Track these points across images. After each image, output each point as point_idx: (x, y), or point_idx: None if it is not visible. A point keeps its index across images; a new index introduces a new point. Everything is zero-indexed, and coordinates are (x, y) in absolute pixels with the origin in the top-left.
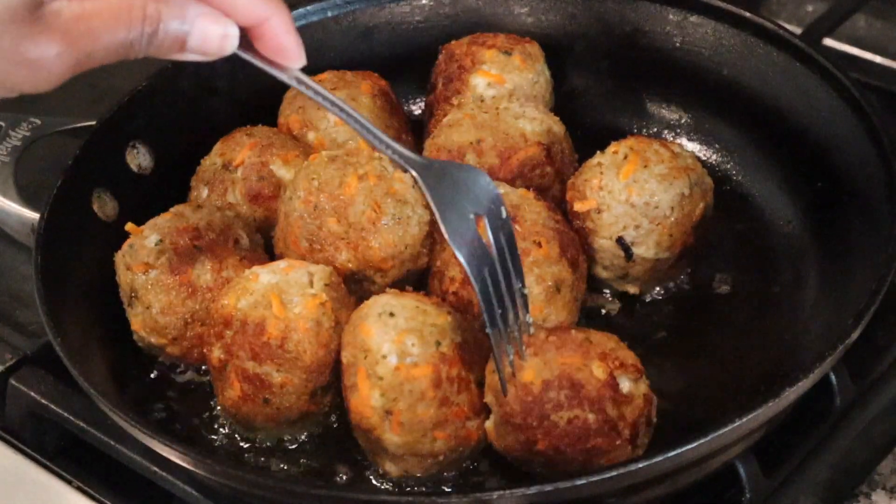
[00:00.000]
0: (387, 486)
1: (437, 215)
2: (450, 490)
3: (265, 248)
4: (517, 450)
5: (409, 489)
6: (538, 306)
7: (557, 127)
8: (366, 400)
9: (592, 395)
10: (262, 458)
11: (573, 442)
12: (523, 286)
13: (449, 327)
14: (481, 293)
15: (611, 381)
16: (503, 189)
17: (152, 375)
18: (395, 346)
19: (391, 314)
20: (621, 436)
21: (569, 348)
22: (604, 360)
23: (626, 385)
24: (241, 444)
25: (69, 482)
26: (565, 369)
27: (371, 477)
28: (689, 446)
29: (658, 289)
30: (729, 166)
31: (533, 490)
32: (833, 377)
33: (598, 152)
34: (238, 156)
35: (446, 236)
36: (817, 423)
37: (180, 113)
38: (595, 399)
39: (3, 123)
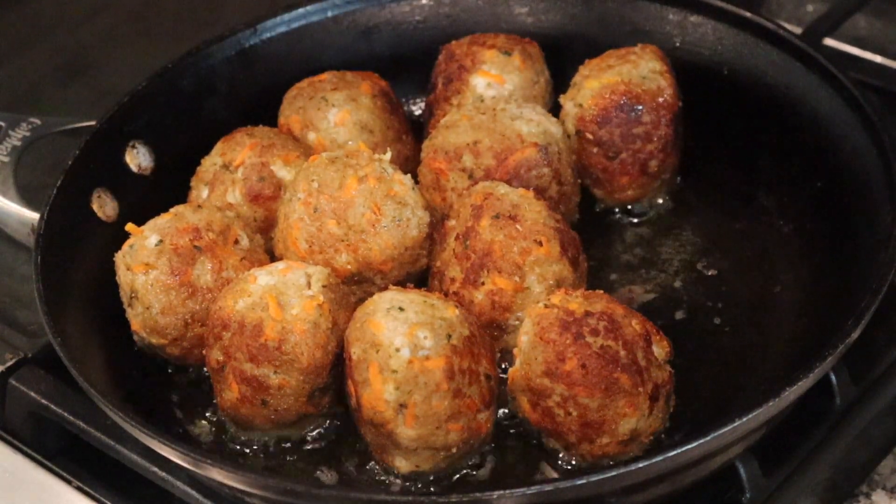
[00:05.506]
0: (390, 482)
1: None
2: (450, 490)
3: (265, 248)
4: (540, 374)
5: (412, 487)
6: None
7: (555, 128)
8: (379, 394)
9: (627, 337)
10: (262, 459)
11: (600, 367)
12: None
13: (457, 320)
14: None
15: (646, 335)
16: (502, 189)
17: (152, 375)
18: (408, 340)
19: (400, 308)
20: (644, 385)
21: (614, 302)
22: (643, 322)
23: (657, 351)
24: (241, 444)
25: (69, 482)
26: (608, 310)
27: (372, 477)
28: (689, 446)
29: (653, 293)
30: (728, 166)
31: (533, 490)
32: (833, 377)
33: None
34: (238, 156)
35: None
36: (817, 423)
37: (180, 113)
38: (629, 341)
39: (3, 123)
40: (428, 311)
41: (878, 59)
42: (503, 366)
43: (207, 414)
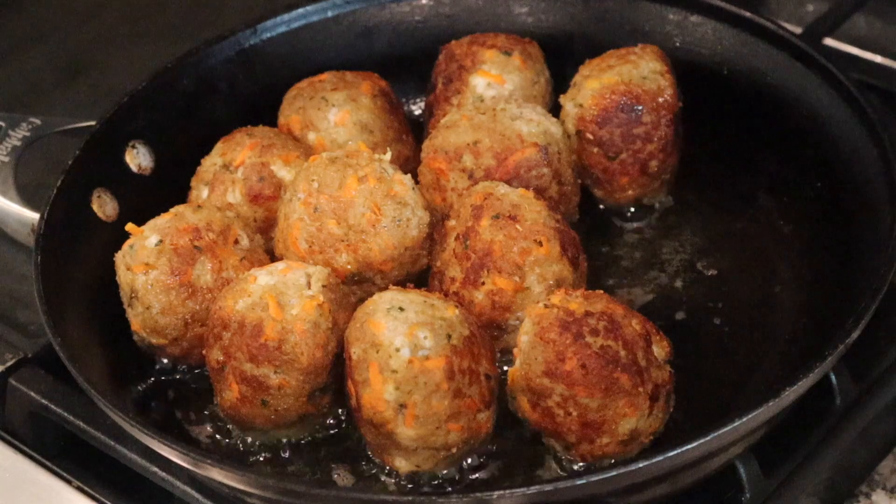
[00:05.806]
0: (390, 482)
1: None
2: (450, 490)
3: (265, 248)
4: (540, 374)
5: (411, 487)
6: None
7: (555, 128)
8: (379, 394)
9: (627, 337)
10: (262, 459)
11: (600, 367)
12: None
13: (457, 320)
14: None
15: (646, 335)
16: (502, 189)
17: (152, 375)
18: (408, 340)
19: (400, 308)
20: (644, 385)
21: (614, 302)
22: (643, 322)
23: (657, 351)
24: (241, 444)
25: (69, 482)
26: (608, 310)
27: (372, 477)
28: (689, 446)
29: (652, 294)
30: (728, 166)
31: (533, 490)
32: (833, 377)
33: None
34: (239, 156)
35: None
36: (817, 423)
37: (180, 113)
38: (629, 341)
39: (3, 123)
40: (428, 311)
41: (878, 59)
42: (504, 367)
43: (207, 414)
